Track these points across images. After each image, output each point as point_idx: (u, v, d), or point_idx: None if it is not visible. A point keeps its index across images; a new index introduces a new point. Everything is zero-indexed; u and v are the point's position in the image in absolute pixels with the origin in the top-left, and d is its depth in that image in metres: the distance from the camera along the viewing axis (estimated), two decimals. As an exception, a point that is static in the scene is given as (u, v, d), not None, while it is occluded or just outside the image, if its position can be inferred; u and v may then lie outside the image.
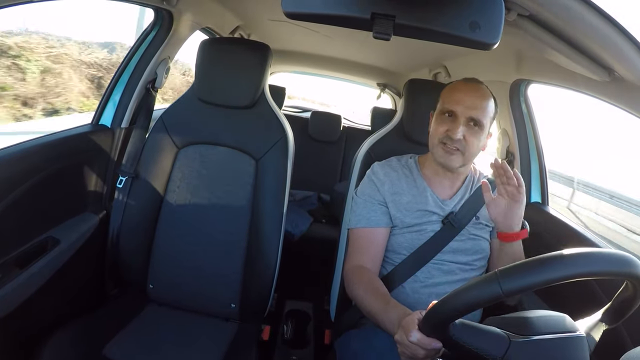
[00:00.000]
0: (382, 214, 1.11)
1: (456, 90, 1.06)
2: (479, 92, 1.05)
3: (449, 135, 1.02)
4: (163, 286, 1.30)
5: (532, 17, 0.80)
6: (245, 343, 1.20)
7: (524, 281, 0.58)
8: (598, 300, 1.01)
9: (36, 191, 1.07)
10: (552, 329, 0.64)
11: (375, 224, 1.11)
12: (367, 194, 1.14)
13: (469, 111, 1.02)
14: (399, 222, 1.11)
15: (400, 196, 1.12)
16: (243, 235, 1.27)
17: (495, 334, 0.65)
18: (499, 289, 0.58)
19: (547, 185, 1.45)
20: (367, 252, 1.10)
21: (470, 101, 1.02)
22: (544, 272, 0.57)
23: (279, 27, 2.03)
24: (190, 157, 1.30)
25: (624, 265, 0.58)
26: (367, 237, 1.11)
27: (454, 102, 1.03)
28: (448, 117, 1.04)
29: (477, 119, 1.02)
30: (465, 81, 1.09)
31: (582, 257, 0.58)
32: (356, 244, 1.13)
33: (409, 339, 0.70)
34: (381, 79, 2.97)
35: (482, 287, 0.60)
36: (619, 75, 0.86)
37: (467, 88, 1.06)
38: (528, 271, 0.58)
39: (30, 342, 1.00)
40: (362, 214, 1.13)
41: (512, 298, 1.19)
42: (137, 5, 1.28)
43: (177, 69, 8.71)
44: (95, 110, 1.43)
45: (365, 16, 0.61)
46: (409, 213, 1.10)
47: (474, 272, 1.10)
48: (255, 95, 1.30)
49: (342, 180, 2.70)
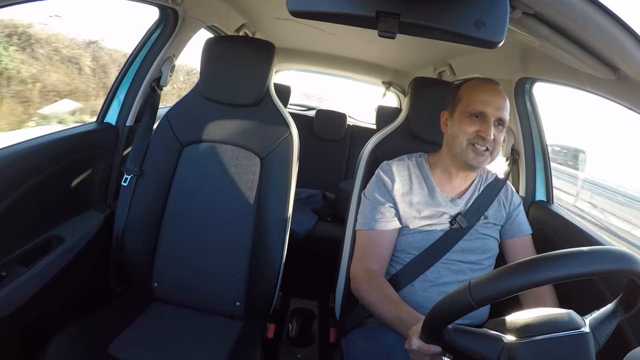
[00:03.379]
0: (391, 216, 1.11)
1: (482, 92, 1.06)
2: (502, 93, 1.06)
3: (481, 136, 1.03)
4: (168, 284, 1.30)
5: (537, 15, 0.80)
6: (250, 341, 1.20)
7: (494, 289, 0.60)
8: (603, 296, 1.01)
9: (41, 189, 1.07)
10: (550, 328, 0.63)
11: (383, 227, 1.10)
12: (375, 195, 1.14)
13: (498, 112, 1.03)
14: (409, 221, 1.10)
15: (410, 196, 1.12)
16: (248, 233, 1.27)
17: (489, 336, 0.66)
18: (469, 299, 0.61)
19: (552, 184, 1.45)
20: (374, 254, 1.10)
21: (498, 102, 1.04)
22: (512, 280, 0.59)
23: (284, 25, 2.03)
24: (195, 155, 1.30)
25: (593, 264, 0.58)
26: (375, 239, 1.11)
27: (484, 103, 1.04)
28: (476, 117, 1.04)
29: (504, 119, 1.05)
30: (486, 81, 1.10)
31: (545, 262, 0.59)
32: (364, 246, 1.12)
33: (410, 347, 0.77)
34: (386, 77, 2.97)
35: (455, 298, 0.64)
36: (624, 73, 0.85)
37: (492, 89, 1.06)
38: (497, 280, 0.60)
39: (36, 339, 1.00)
40: (370, 216, 1.12)
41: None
42: (143, 3, 1.28)
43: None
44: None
45: (370, 14, 0.61)
46: (418, 213, 1.10)
47: (483, 271, 1.10)
48: (260, 94, 1.30)
49: (347, 178, 2.70)
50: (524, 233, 1.17)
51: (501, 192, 1.18)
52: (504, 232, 1.17)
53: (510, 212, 1.18)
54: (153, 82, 1.46)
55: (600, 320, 0.68)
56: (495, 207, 1.15)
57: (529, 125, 1.44)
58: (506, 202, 1.18)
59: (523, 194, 1.45)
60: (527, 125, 1.44)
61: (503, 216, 1.16)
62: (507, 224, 1.17)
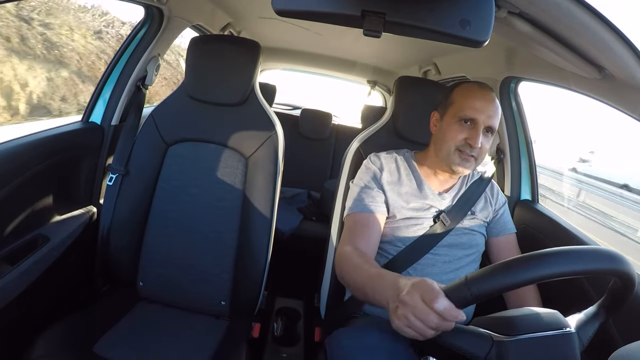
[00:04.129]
0: (380, 201, 1.10)
1: (476, 98, 1.04)
2: (494, 101, 1.05)
3: (469, 143, 1.02)
4: (153, 283, 1.30)
5: (522, 15, 0.80)
6: (236, 340, 1.20)
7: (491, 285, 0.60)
8: (589, 296, 1.01)
9: (26, 189, 1.07)
10: (538, 327, 0.64)
11: (372, 209, 1.09)
12: (364, 181, 1.13)
13: (489, 120, 1.02)
14: (397, 211, 1.10)
15: (399, 186, 1.12)
16: (233, 232, 1.27)
17: (478, 334, 0.67)
18: (468, 293, 0.60)
19: (537, 183, 1.46)
20: (362, 235, 1.06)
21: (490, 110, 1.03)
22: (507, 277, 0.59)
23: (270, 25, 2.03)
24: (181, 155, 1.30)
25: (582, 263, 0.59)
26: (363, 221, 1.08)
27: (476, 110, 1.02)
28: (465, 123, 1.04)
29: (494, 127, 1.04)
30: (480, 86, 1.08)
31: (532, 261, 0.59)
32: (352, 229, 1.09)
33: (434, 305, 0.61)
34: (371, 76, 2.97)
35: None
36: (610, 72, 0.86)
37: (485, 96, 1.05)
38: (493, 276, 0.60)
39: (21, 339, 0.99)
40: (359, 199, 1.11)
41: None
42: (128, 2, 1.27)
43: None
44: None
45: (355, 13, 0.61)
46: (407, 204, 1.10)
47: (469, 266, 1.11)
48: (245, 93, 1.30)
49: (332, 177, 2.71)
50: (509, 232, 1.18)
51: (487, 189, 1.19)
52: (489, 230, 1.18)
53: (496, 209, 1.18)
54: (138, 82, 1.46)
55: (583, 322, 0.70)
56: (482, 204, 1.16)
57: (514, 125, 1.45)
58: (492, 199, 1.19)
59: (508, 193, 1.46)
60: (513, 124, 1.45)
61: (489, 213, 1.17)
62: (493, 222, 1.18)
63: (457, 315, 0.61)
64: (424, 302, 0.62)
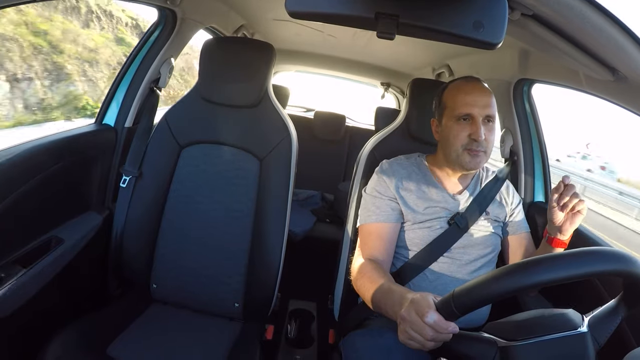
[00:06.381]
0: (392, 210, 1.11)
1: (465, 94, 1.05)
2: (485, 89, 1.06)
3: (473, 139, 1.03)
4: (166, 286, 1.30)
5: (535, 17, 0.80)
6: (249, 342, 1.20)
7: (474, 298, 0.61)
8: (600, 294, 1.01)
9: (40, 191, 1.07)
10: (547, 330, 0.64)
11: (385, 219, 1.10)
12: (376, 191, 1.14)
13: (484, 110, 1.03)
14: (410, 217, 1.10)
15: (410, 192, 1.12)
16: (246, 234, 1.27)
17: (483, 340, 0.67)
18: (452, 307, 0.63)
19: (550, 185, 1.44)
20: (377, 246, 1.08)
21: (484, 101, 1.04)
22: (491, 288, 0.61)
23: (283, 27, 2.03)
24: (194, 157, 1.30)
25: (565, 269, 0.58)
26: (378, 232, 1.10)
27: (469, 105, 1.04)
28: (464, 120, 1.05)
29: (492, 115, 1.05)
30: (467, 80, 1.09)
31: (518, 270, 0.60)
32: (366, 240, 1.11)
33: (425, 319, 0.66)
34: (385, 79, 2.97)
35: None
36: (623, 74, 0.85)
37: (475, 88, 1.06)
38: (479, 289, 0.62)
39: (34, 341, 1.00)
40: (372, 210, 1.12)
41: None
42: (142, 4, 1.28)
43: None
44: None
45: (369, 15, 0.62)
46: (419, 209, 1.10)
47: (486, 266, 1.11)
48: (259, 95, 1.30)
49: (346, 179, 2.71)
50: (524, 230, 1.17)
51: (502, 190, 1.19)
52: (504, 230, 1.18)
53: (512, 209, 1.18)
54: (152, 84, 1.46)
55: (600, 319, 0.68)
56: (496, 204, 1.16)
57: (527, 127, 1.44)
58: (508, 199, 1.19)
59: (522, 195, 1.45)
60: (526, 126, 1.44)
61: (505, 213, 1.17)
62: (508, 221, 1.18)
63: (447, 327, 0.65)
64: (418, 316, 0.67)
